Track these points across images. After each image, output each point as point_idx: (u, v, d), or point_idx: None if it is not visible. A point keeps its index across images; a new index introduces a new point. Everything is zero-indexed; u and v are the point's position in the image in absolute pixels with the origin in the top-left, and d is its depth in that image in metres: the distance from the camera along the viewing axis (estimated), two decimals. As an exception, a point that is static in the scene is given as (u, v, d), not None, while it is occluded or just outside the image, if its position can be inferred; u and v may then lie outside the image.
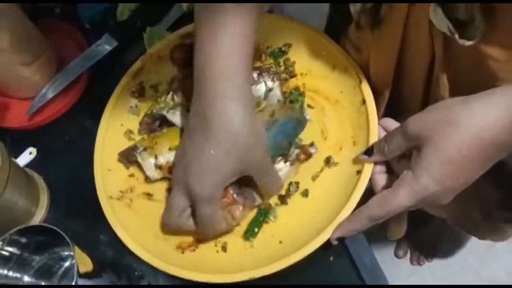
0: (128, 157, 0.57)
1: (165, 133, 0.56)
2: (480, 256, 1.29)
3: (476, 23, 0.42)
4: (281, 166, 0.52)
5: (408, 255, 1.33)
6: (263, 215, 0.53)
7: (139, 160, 0.54)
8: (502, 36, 0.43)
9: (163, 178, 0.56)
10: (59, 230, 0.44)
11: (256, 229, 0.52)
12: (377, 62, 0.55)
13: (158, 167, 0.54)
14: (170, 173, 0.53)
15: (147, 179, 0.56)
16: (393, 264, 1.32)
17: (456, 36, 0.43)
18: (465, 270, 1.29)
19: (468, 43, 0.43)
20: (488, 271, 1.28)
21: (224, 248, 0.52)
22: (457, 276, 1.29)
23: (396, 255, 1.33)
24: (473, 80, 0.48)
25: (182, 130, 0.55)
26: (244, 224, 0.53)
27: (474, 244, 1.29)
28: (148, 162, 0.54)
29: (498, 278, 1.27)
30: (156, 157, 0.54)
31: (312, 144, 0.55)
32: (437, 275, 1.30)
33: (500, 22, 0.41)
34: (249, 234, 0.52)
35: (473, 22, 0.42)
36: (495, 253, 1.28)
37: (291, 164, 0.53)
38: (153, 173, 0.54)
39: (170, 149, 0.53)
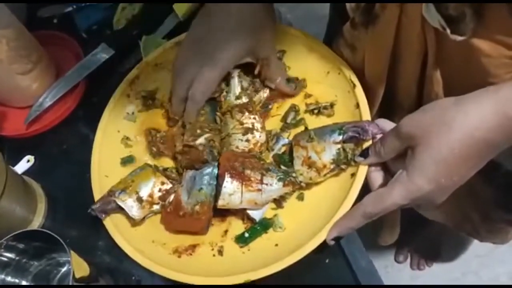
0: (103, 208, 0.54)
1: (140, 173, 0.56)
2: (482, 259, 1.29)
3: (467, 19, 0.42)
4: (273, 183, 0.52)
5: (409, 260, 1.33)
6: (261, 227, 0.53)
7: (119, 202, 0.53)
8: (492, 32, 0.43)
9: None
10: (55, 235, 0.44)
11: (246, 234, 0.52)
12: (371, 60, 0.55)
13: (141, 201, 0.54)
14: (152, 206, 0.54)
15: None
16: (393, 270, 1.32)
17: (448, 31, 0.44)
18: (467, 275, 1.29)
19: (460, 38, 0.44)
20: (490, 275, 1.27)
21: (220, 252, 0.52)
22: (459, 280, 1.28)
23: (397, 261, 1.33)
24: (465, 76, 0.48)
25: (156, 170, 0.56)
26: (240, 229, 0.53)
27: (476, 248, 1.29)
28: (129, 202, 0.53)
29: (501, 281, 1.26)
30: (137, 193, 0.54)
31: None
32: (438, 280, 1.29)
33: (490, 19, 0.42)
34: (240, 239, 0.52)
35: (464, 18, 0.42)
36: (498, 257, 1.27)
37: (284, 185, 0.53)
38: (136, 212, 0.53)
39: (147, 183, 0.54)
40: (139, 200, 0.54)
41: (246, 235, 0.52)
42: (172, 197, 0.54)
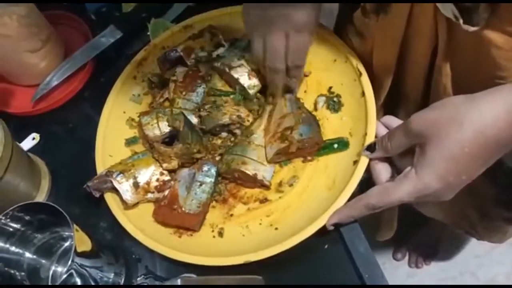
0: (99, 186, 0.55)
1: (141, 158, 0.56)
2: (480, 259, 1.29)
3: (481, 9, 0.42)
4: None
5: (407, 257, 1.33)
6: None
7: (115, 184, 0.54)
8: (505, 23, 0.43)
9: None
10: (60, 209, 0.45)
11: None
12: (381, 49, 0.55)
13: (137, 186, 0.54)
14: (146, 194, 0.54)
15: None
16: (391, 267, 1.32)
17: (461, 21, 0.43)
18: (464, 274, 1.29)
19: (472, 29, 0.43)
20: (488, 274, 1.27)
21: (220, 234, 0.52)
22: (456, 280, 1.28)
23: (395, 258, 1.33)
24: (474, 68, 0.48)
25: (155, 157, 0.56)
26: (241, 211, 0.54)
27: (474, 248, 1.28)
28: (124, 186, 0.54)
29: (497, 282, 1.26)
30: (135, 177, 0.54)
31: None
32: (435, 278, 1.29)
33: (504, 10, 0.42)
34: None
35: (477, 8, 0.42)
36: (496, 257, 1.27)
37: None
38: (130, 196, 0.54)
39: (146, 170, 0.55)
40: (136, 185, 0.54)
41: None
42: (168, 191, 0.54)
